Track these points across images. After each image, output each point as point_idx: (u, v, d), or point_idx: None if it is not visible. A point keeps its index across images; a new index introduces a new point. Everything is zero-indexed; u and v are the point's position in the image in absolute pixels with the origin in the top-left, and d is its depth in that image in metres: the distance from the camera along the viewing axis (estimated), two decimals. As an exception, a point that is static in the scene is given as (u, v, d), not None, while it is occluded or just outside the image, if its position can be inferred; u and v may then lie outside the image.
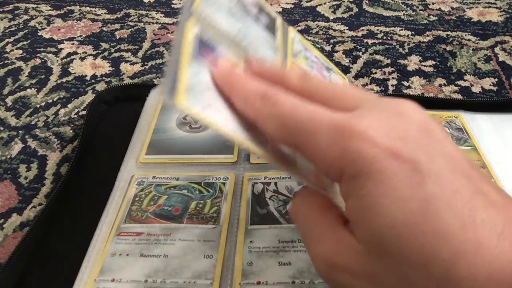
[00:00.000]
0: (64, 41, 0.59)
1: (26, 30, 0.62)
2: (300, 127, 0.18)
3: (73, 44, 0.59)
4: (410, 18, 0.64)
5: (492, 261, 0.14)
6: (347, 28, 0.62)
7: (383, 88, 0.49)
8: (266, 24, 0.29)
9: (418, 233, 0.15)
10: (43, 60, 0.55)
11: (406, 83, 0.50)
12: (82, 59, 0.55)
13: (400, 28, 0.61)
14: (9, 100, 0.49)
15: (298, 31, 0.52)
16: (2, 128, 0.45)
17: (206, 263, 0.28)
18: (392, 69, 0.53)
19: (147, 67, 0.54)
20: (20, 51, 0.57)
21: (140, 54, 0.56)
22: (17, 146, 0.43)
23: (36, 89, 0.50)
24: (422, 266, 0.15)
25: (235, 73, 0.21)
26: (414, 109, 0.18)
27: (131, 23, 0.63)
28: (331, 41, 0.59)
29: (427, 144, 0.17)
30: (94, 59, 0.55)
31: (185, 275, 0.27)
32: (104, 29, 0.62)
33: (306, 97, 0.20)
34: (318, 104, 0.19)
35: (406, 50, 0.56)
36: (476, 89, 0.49)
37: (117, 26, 0.63)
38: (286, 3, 0.69)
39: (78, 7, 0.68)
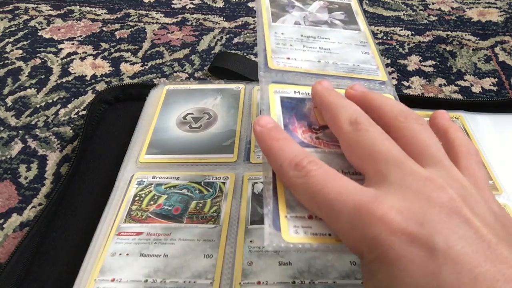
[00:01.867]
0: (64, 41, 0.59)
1: (26, 30, 0.62)
2: (327, 204, 0.19)
3: (73, 44, 0.59)
4: (410, 18, 0.64)
5: None
6: (347, 28, 0.62)
7: (383, 88, 0.49)
8: (343, 19, 0.27)
9: None
10: (43, 60, 0.55)
11: (406, 83, 0.50)
12: (82, 59, 0.55)
13: (400, 28, 0.61)
14: (9, 100, 0.49)
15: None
16: (2, 128, 0.45)
17: (206, 263, 0.28)
18: (392, 69, 0.53)
19: (147, 67, 0.54)
20: (20, 51, 0.57)
21: (140, 54, 0.56)
22: (17, 146, 0.43)
23: (36, 89, 0.50)
24: None
25: (272, 132, 0.22)
26: (440, 188, 0.18)
27: (131, 23, 0.63)
28: (331, 41, 0.59)
29: (448, 228, 0.17)
30: (94, 59, 0.55)
31: (185, 275, 0.27)
32: (104, 29, 0.62)
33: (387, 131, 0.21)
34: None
35: (406, 50, 0.56)
36: (476, 89, 0.49)
37: (117, 26, 0.63)
38: (286, 3, 0.69)
39: (78, 7, 0.68)
